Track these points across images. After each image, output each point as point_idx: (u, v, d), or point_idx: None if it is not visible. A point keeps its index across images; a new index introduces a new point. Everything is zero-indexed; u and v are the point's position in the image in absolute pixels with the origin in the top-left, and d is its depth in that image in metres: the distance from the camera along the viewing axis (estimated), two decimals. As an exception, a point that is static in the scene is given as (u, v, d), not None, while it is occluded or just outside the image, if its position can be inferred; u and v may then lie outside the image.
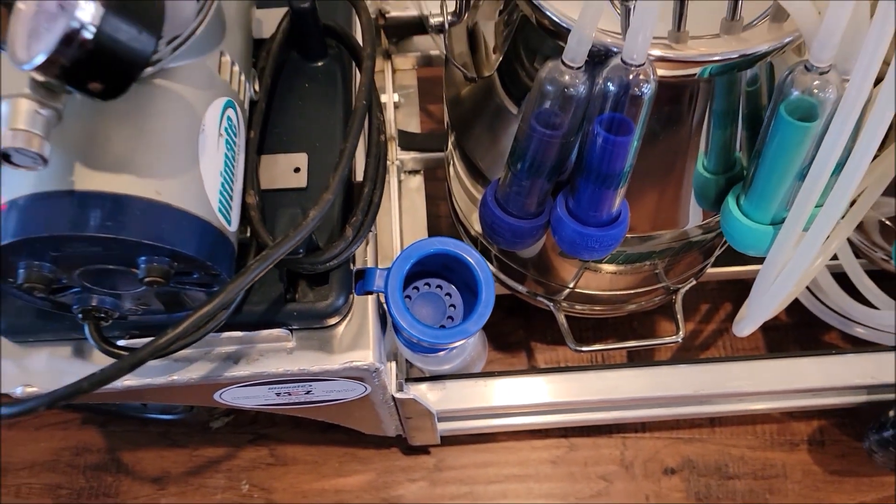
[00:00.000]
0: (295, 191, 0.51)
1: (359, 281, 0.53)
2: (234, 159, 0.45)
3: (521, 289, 0.72)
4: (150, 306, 0.46)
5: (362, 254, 0.56)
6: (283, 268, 0.49)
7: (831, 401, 0.72)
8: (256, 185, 0.49)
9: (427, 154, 0.79)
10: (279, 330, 0.50)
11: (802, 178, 0.45)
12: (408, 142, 0.79)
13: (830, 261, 0.71)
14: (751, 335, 0.85)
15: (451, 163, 0.69)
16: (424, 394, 0.65)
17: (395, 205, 0.75)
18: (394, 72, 0.87)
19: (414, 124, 0.85)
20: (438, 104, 0.95)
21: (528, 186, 0.50)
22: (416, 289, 0.57)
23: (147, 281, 0.39)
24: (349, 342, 0.52)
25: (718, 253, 0.70)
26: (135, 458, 0.82)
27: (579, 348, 0.70)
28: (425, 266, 0.54)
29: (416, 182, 0.80)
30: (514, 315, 0.87)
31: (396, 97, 0.83)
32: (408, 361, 0.66)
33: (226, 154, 0.43)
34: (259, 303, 0.48)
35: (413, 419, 0.68)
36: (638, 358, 0.84)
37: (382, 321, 0.57)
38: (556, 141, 0.46)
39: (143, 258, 0.39)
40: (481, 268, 0.52)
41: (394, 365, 0.62)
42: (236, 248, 0.45)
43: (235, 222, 0.45)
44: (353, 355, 0.52)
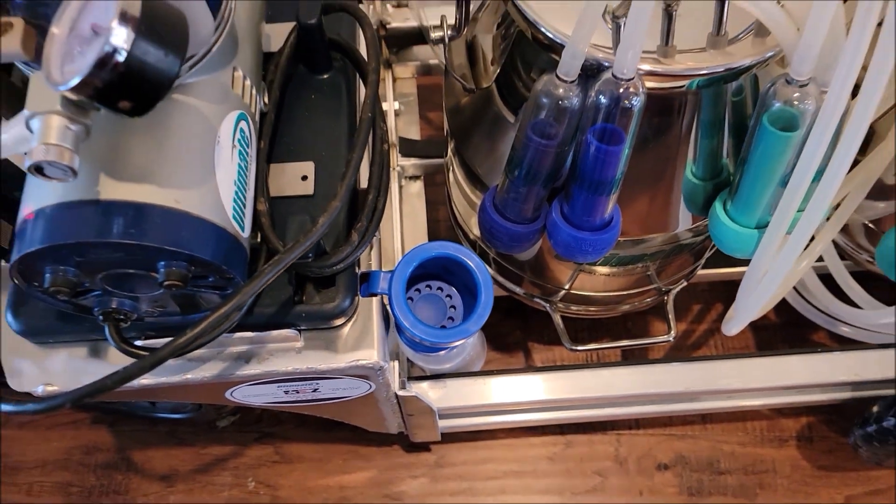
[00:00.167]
0: (302, 198, 0.53)
1: (364, 283, 0.55)
2: (247, 169, 0.47)
3: (518, 290, 0.74)
4: (167, 308, 0.48)
5: (366, 257, 0.59)
6: (292, 271, 0.51)
7: (818, 397, 0.74)
8: (266, 192, 0.52)
9: (427, 160, 0.82)
10: (288, 330, 0.52)
11: (785, 184, 0.47)
12: (408, 148, 0.81)
13: (817, 262, 0.73)
14: (741, 334, 0.88)
15: (451, 169, 0.71)
16: (426, 391, 0.67)
17: (397, 209, 0.77)
18: (394, 80, 0.89)
19: (414, 131, 0.87)
20: (437, 111, 0.97)
21: (524, 193, 0.52)
22: (418, 291, 0.59)
23: (166, 284, 0.42)
24: (354, 342, 0.54)
25: (708, 255, 0.72)
26: (144, 457, 0.84)
27: (575, 348, 0.72)
28: (427, 269, 0.56)
29: (417, 187, 0.82)
30: (512, 316, 0.89)
31: (397, 105, 0.85)
32: (409, 360, 0.68)
33: (239, 164, 0.46)
34: (269, 305, 0.51)
35: (415, 416, 0.69)
36: (632, 357, 0.86)
37: (386, 322, 0.59)
38: (551, 150, 0.49)
39: (162, 263, 0.42)
40: (480, 270, 0.54)
41: (396, 364, 0.64)
42: (248, 252, 0.47)
43: (248, 228, 0.47)
44: (358, 354, 0.54)
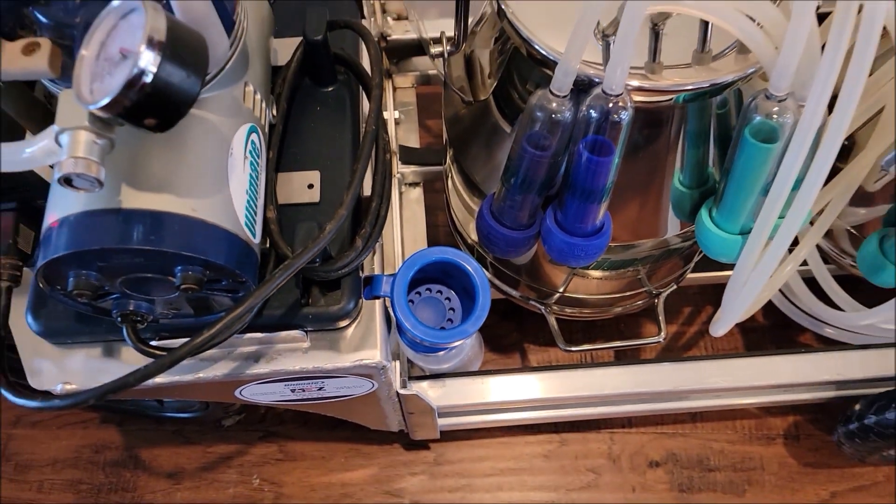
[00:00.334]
0: (309, 205, 0.56)
1: (367, 286, 0.57)
2: (258, 178, 0.50)
3: (514, 293, 0.77)
4: (180, 310, 0.51)
5: (369, 262, 0.61)
6: (300, 275, 0.54)
7: (803, 396, 0.77)
8: (275, 200, 0.54)
9: (426, 167, 0.84)
10: (295, 332, 0.55)
11: (766, 192, 0.50)
12: (408, 156, 0.84)
13: (803, 267, 0.76)
14: (730, 336, 0.91)
15: (450, 176, 0.74)
16: (426, 390, 0.70)
17: (397, 215, 0.79)
18: (394, 90, 0.91)
19: (413, 139, 0.89)
20: (436, 119, 1.00)
21: (520, 201, 0.55)
22: (419, 293, 0.62)
23: (183, 288, 0.44)
24: (358, 342, 0.57)
25: (697, 259, 0.74)
26: (151, 455, 0.86)
27: (569, 348, 0.74)
28: (427, 273, 0.59)
29: (416, 194, 0.85)
30: (509, 318, 0.92)
31: (397, 114, 0.88)
32: (410, 361, 0.70)
33: (250, 174, 0.48)
34: (277, 307, 0.53)
35: (415, 415, 0.72)
36: (624, 357, 0.88)
37: (388, 323, 0.61)
38: (545, 160, 0.51)
39: (179, 267, 0.44)
40: (478, 274, 0.57)
41: (398, 364, 0.66)
42: (259, 257, 0.50)
43: (259, 235, 0.49)
44: (362, 354, 0.56)
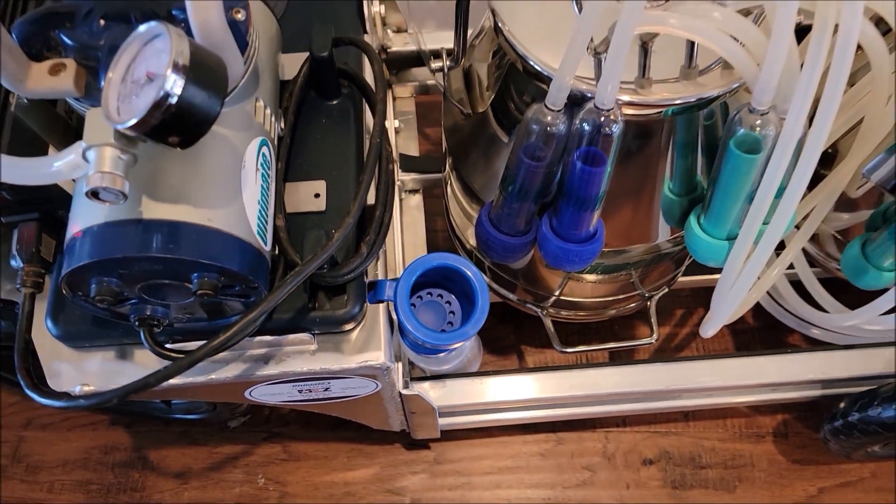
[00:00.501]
0: (315, 214, 0.58)
1: (371, 291, 0.60)
2: (268, 189, 0.52)
3: (512, 297, 0.80)
4: (194, 315, 0.53)
5: (372, 267, 0.63)
6: (307, 280, 0.56)
7: (791, 395, 0.80)
8: (283, 209, 0.57)
9: (425, 175, 0.86)
10: (303, 334, 0.57)
11: (751, 200, 0.53)
12: (408, 164, 0.86)
13: (790, 270, 0.79)
14: (721, 337, 0.94)
15: (449, 183, 0.76)
16: (427, 391, 0.72)
17: (397, 221, 0.82)
18: (394, 99, 0.94)
19: (413, 147, 0.92)
20: (434, 127, 1.02)
21: (517, 208, 0.58)
22: (420, 297, 0.65)
23: (199, 293, 0.47)
24: (363, 344, 0.59)
25: (688, 263, 0.77)
26: (159, 456, 0.89)
27: (565, 350, 0.77)
28: (428, 277, 0.61)
29: (416, 200, 0.87)
30: (506, 321, 0.94)
31: (397, 123, 0.90)
32: (411, 362, 0.73)
33: (262, 185, 0.51)
34: (286, 311, 0.56)
35: (417, 414, 0.74)
36: (618, 358, 0.91)
37: (391, 326, 0.64)
38: (540, 170, 0.54)
39: (196, 274, 0.47)
40: (478, 279, 0.60)
41: (400, 365, 0.69)
42: (270, 264, 0.53)
43: (270, 242, 0.52)
44: (367, 356, 0.59)
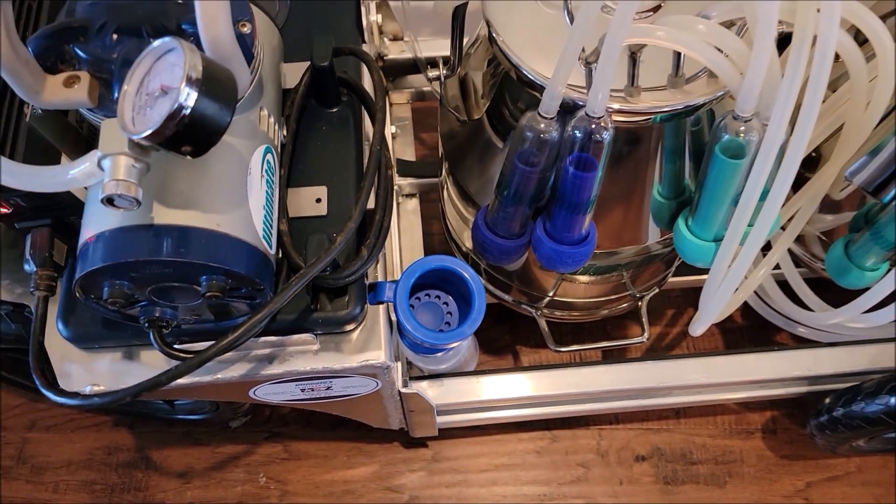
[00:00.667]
0: (317, 218, 0.60)
1: (371, 293, 0.62)
2: (272, 194, 0.54)
3: (507, 298, 0.82)
4: (202, 316, 0.55)
5: (372, 270, 0.66)
6: (310, 282, 0.58)
7: (778, 392, 0.82)
8: (286, 214, 0.59)
9: (422, 179, 0.88)
10: (306, 335, 0.59)
11: (736, 203, 0.54)
12: (405, 169, 0.88)
13: (777, 270, 0.81)
14: (711, 336, 0.96)
15: (445, 188, 0.78)
16: (425, 389, 0.74)
17: (395, 225, 0.83)
18: (391, 105, 0.96)
19: (409, 153, 0.94)
20: (430, 132, 1.04)
21: (512, 212, 0.60)
22: (419, 299, 0.67)
23: (208, 295, 0.49)
24: (364, 344, 0.61)
25: (678, 264, 0.79)
26: (162, 456, 0.90)
27: (559, 349, 0.79)
28: (426, 279, 0.63)
29: (413, 204, 0.89)
30: (502, 322, 0.96)
31: (394, 129, 0.92)
32: (409, 362, 0.75)
33: (266, 191, 0.53)
34: (290, 312, 0.57)
35: (415, 413, 0.76)
36: (611, 357, 0.93)
37: (391, 326, 0.66)
38: (534, 175, 0.56)
39: (204, 277, 0.49)
40: (474, 280, 0.62)
41: (399, 364, 0.70)
42: (275, 267, 0.55)
43: (274, 246, 0.54)
44: (368, 355, 0.61)
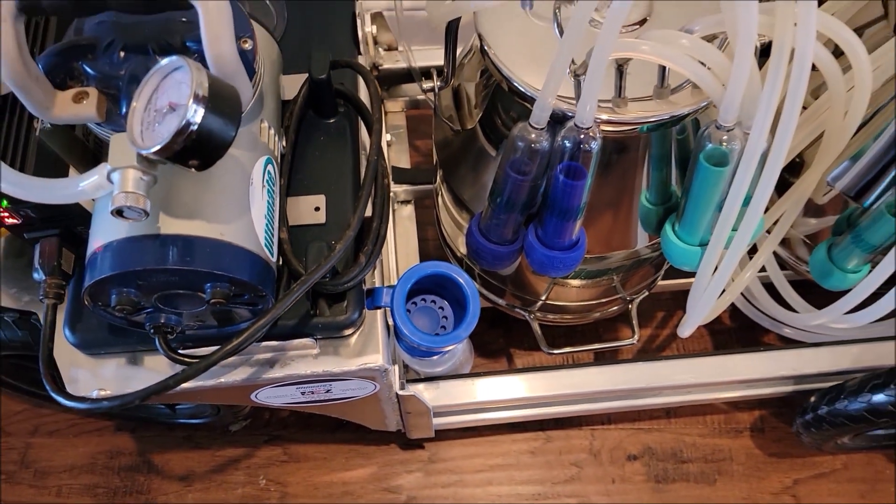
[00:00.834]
0: (316, 226, 0.62)
1: (369, 298, 0.63)
2: (273, 204, 0.56)
3: (501, 302, 0.83)
4: (205, 322, 0.57)
5: (370, 276, 0.67)
6: (310, 289, 0.60)
7: (766, 391, 0.84)
8: (286, 222, 0.61)
9: (417, 186, 0.90)
10: (306, 339, 0.61)
11: (720, 209, 0.56)
12: (400, 176, 0.90)
13: (763, 273, 0.83)
14: (700, 337, 0.98)
15: (440, 194, 0.80)
16: (422, 392, 0.76)
17: (390, 231, 0.85)
18: (385, 114, 0.98)
19: (404, 160, 0.96)
20: (424, 139, 1.06)
21: (505, 219, 0.62)
22: (415, 303, 0.68)
23: (212, 302, 0.50)
24: (362, 348, 0.63)
25: (666, 267, 0.81)
26: (163, 460, 0.92)
27: (551, 351, 0.81)
28: (422, 284, 0.65)
29: (408, 211, 0.91)
30: (496, 325, 0.98)
31: (389, 137, 0.94)
32: (406, 366, 0.77)
33: (268, 201, 0.55)
34: (290, 318, 0.59)
35: (412, 414, 0.78)
36: (603, 359, 0.95)
37: (388, 330, 0.68)
38: (526, 184, 0.58)
39: (209, 284, 0.50)
40: (469, 286, 0.64)
41: (396, 367, 0.72)
42: (276, 274, 0.56)
43: (276, 253, 0.56)
44: (366, 359, 0.62)
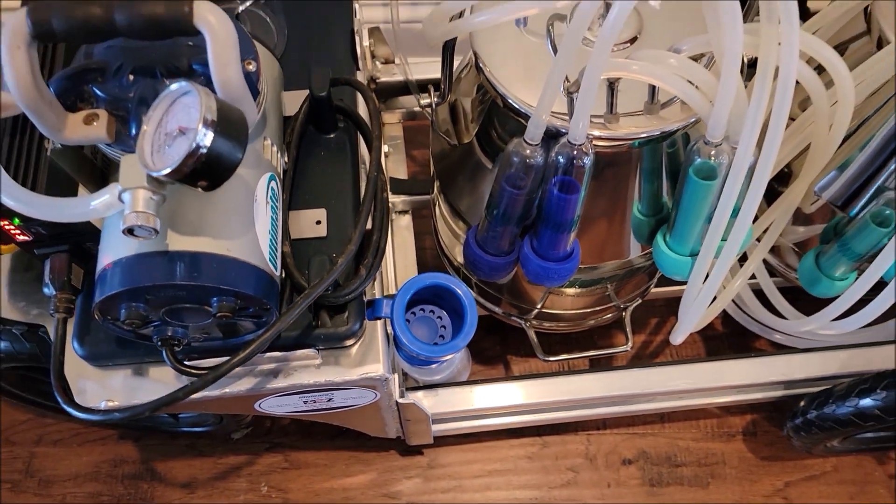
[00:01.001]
0: (317, 239, 0.63)
1: (369, 309, 0.65)
2: (277, 219, 0.58)
3: (497, 310, 0.85)
4: (210, 334, 0.59)
5: (370, 287, 0.69)
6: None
7: (757, 396, 0.85)
8: (289, 236, 0.62)
9: (414, 197, 0.92)
10: (309, 350, 0.62)
11: (710, 220, 0.58)
12: (397, 187, 0.91)
13: (754, 280, 0.84)
14: (692, 343, 1.00)
15: (437, 205, 0.82)
16: (421, 399, 0.78)
17: (389, 241, 0.86)
18: (383, 125, 0.99)
19: (402, 171, 0.97)
20: (421, 150, 1.08)
21: (501, 231, 0.63)
22: (414, 314, 0.70)
23: (219, 315, 0.52)
24: (363, 358, 0.65)
25: (659, 276, 0.83)
26: (166, 468, 0.93)
27: (547, 359, 0.83)
28: (421, 295, 0.67)
29: (406, 221, 0.93)
30: (493, 333, 0.99)
31: (386, 148, 0.96)
32: (406, 374, 0.78)
33: (271, 216, 0.56)
34: (293, 329, 0.61)
35: (412, 422, 0.80)
36: (598, 365, 0.97)
37: (388, 340, 0.69)
38: (521, 197, 0.59)
39: (215, 298, 0.52)
40: (467, 296, 0.65)
41: (396, 376, 0.74)
42: (280, 287, 0.58)
43: (279, 267, 0.58)
44: (367, 368, 0.64)
